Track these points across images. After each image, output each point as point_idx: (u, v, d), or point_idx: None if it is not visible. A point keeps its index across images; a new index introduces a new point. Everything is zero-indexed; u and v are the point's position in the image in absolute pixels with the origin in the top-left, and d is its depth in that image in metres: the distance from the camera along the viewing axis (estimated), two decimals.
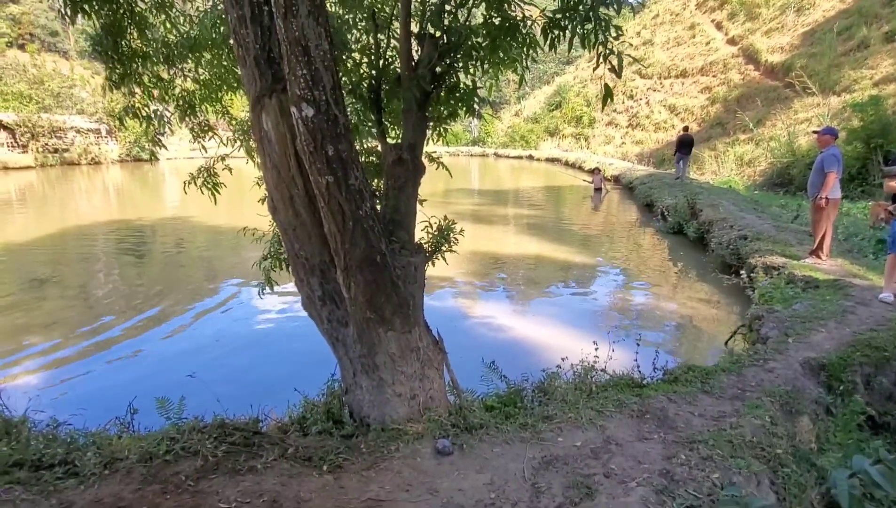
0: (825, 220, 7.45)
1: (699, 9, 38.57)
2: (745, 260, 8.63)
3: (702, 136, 26.33)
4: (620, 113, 37.50)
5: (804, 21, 27.33)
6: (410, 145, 3.46)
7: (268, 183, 3.24)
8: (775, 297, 6.44)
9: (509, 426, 3.42)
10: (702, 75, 32.35)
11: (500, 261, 11.56)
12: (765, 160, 20.10)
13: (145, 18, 4.05)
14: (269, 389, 5.46)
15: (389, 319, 3.19)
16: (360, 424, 3.46)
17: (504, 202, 21.16)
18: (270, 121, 3.04)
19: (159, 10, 4.14)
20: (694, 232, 11.86)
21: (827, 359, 4.48)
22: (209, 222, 15.71)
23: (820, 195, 7.25)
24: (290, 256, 3.38)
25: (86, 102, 42.53)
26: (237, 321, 7.77)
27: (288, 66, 2.55)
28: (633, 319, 7.79)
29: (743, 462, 3.03)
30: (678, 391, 3.97)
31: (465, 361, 4.79)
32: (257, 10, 2.92)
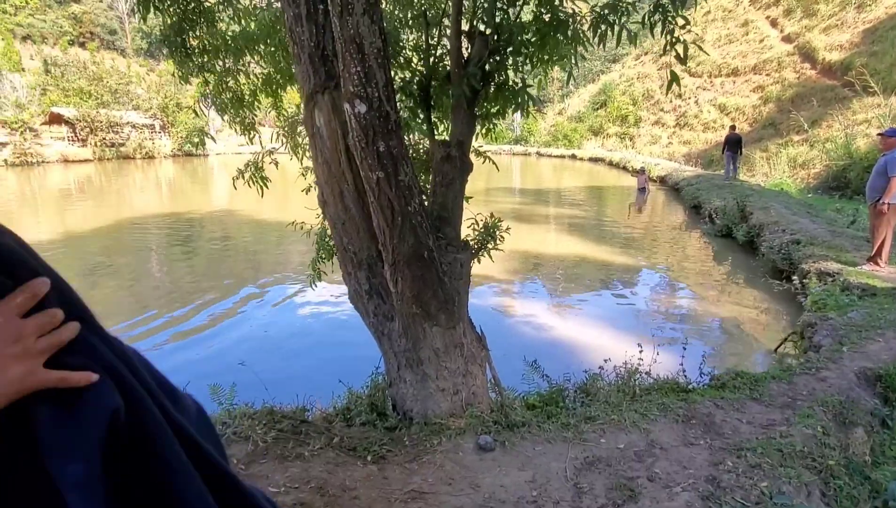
0: (885, 225, 7.11)
1: (753, 5, 37.25)
2: (797, 265, 8.32)
3: (753, 136, 25.46)
4: (668, 112, 36.59)
5: (865, 18, 26.06)
6: (459, 142, 3.48)
7: (318, 178, 3.33)
8: (829, 304, 6.20)
9: (551, 426, 3.41)
10: (754, 74, 31.24)
11: (541, 260, 11.48)
12: (820, 162, 19.29)
13: (213, 13, 4.22)
14: (315, 379, 5.59)
15: (435, 314, 3.23)
16: (404, 417, 3.52)
17: (545, 202, 20.98)
18: (323, 117, 3.12)
19: (227, 4, 4.29)
20: (743, 235, 11.49)
21: (884, 370, 4.29)
22: (255, 215, 16.13)
23: (883, 200, 6.92)
24: (339, 249, 3.46)
25: (141, 98, 44.24)
26: (283, 313, 7.97)
27: (342, 63, 2.60)
28: (677, 322, 7.62)
29: (793, 472, 2.94)
30: (725, 398, 3.88)
31: (507, 359, 4.80)
32: (313, 9, 2.99)
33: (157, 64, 53.64)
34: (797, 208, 12.42)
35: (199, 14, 4.12)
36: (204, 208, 18.60)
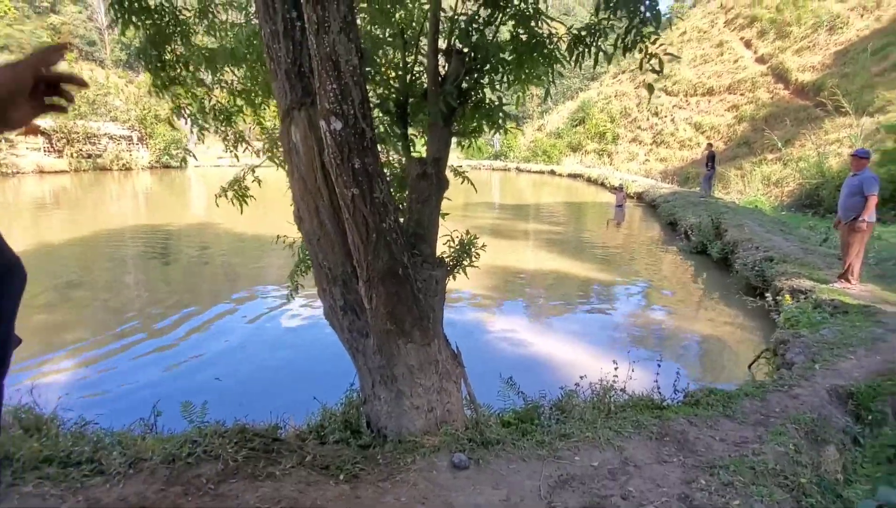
0: (859, 243, 7.29)
1: (728, 26, 38.27)
2: (770, 282, 8.47)
3: (727, 155, 26.00)
4: (645, 130, 37.23)
5: (837, 40, 26.93)
6: (435, 160, 3.49)
7: (294, 193, 3.31)
8: (802, 321, 6.31)
9: (526, 443, 3.41)
10: (729, 94, 32.01)
11: (519, 276, 11.53)
12: (793, 181, 19.76)
13: (189, 26, 4.21)
14: (289, 396, 5.51)
15: (409, 331, 3.21)
16: (378, 435, 3.48)
17: (525, 217, 21.12)
18: (299, 133, 3.11)
19: (202, 17, 4.29)
20: (718, 252, 11.69)
21: (856, 388, 4.38)
22: (233, 228, 15.97)
23: (862, 217, 7.08)
24: (314, 265, 3.44)
25: (119, 109, 43.73)
26: (259, 328, 7.87)
27: (318, 80, 2.60)
28: (653, 339, 7.69)
29: (765, 490, 2.97)
30: (699, 415, 3.91)
31: (483, 375, 4.79)
32: (290, 26, 3.00)
33: (136, 75, 53.10)
34: (771, 226, 12.68)
35: (174, 27, 4.11)
36: (182, 221, 18.37)
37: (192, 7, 4.32)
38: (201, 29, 4.34)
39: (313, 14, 2.49)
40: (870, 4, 26.83)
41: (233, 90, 4.68)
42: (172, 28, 4.05)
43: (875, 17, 25.97)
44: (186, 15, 4.22)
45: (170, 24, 4.03)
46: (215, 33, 4.44)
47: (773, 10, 33.38)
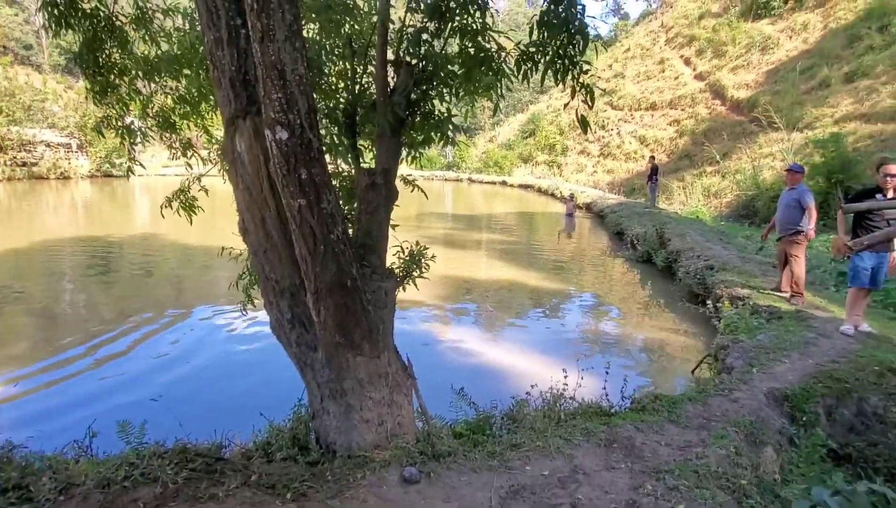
0: (803, 254, 7.39)
1: (668, 45, 39.93)
2: (711, 290, 8.81)
3: (670, 167, 27.02)
4: (592, 142, 38.29)
5: (768, 60, 28.50)
6: (384, 170, 3.48)
7: (239, 204, 3.22)
8: (740, 327, 6.58)
9: (477, 454, 3.40)
10: (671, 109, 33.34)
11: (472, 286, 11.58)
12: (731, 192, 20.71)
13: (125, 33, 4.06)
14: (235, 413, 5.34)
15: (358, 344, 3.16)
16: (327, 451, 3.40)
17: (477, 227, 21.29)
18: (244, 142, 3.03)
19: (139, 24, 4.14)
20: (662, 261, 12.09)
21: (790, 390, 4.57)
22: (180, 240, 15.43)
23: (810, 226, 7.25)
24: (260, 278, 3.35)
25: (57, 116, 41.68)
26: (205, 343, 7.60)
27: (263, 89, 2.55)
28: (602, 346, 7.86)
29: (708, 493, 3.06)
30: (645, 420, 4.01)
31: (435, 386, 4.76)
32: (234, 33, 2.93)
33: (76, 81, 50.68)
34: (711, 235, 13.21)
35: (110, 32, 3.96)
36: (124, 232, 17.61)
37: (128, 14, 4.17)
38: (139, 36, 4.19)
39: (258, 22, 2.45)
40: (797, 27, 28.55)
41: (177, 97, 4.54)
42: (107, 34, 3.90)
43: (802, 39, 27.65)
44: (123, 21, 4.06)
45: (105, 29, 3.87)
46: (155, 40, 4.30)
47: (710, 30, 35.06)
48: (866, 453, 4.17)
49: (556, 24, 3.04)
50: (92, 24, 3.79)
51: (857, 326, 5.96)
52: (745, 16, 33.14)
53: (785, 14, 30.45)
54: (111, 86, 4.06)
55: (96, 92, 4.06)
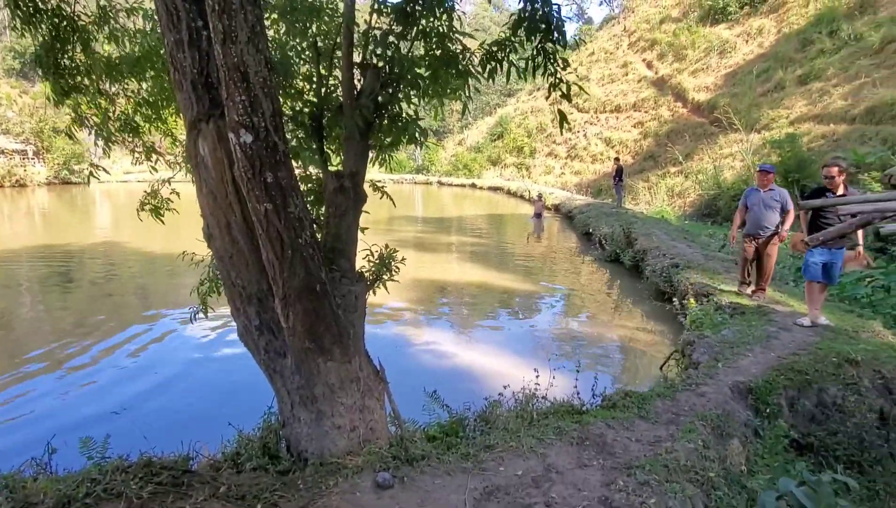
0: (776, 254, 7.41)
1: (631, 48, 40.73)
2: (676, 287, 9.00)
3: (635, 168, 27.55)
4: (560, 144, 38.78)
5: (726, 63, 29.32)
6: (352, 173, 3.45)
7: (203, 209, 3.15)
8: (705, 323, 6.73)
9: (451, 457, 3.39)
10: (634, 111, 34.00)
11: (443, 288, 11.59)
12: (693, 192, 21.22)
13: (88, 32, 3.94)
14: (203, 424, 5.23)
15: (329, 349, 3.12)
16: (298, 459, 3.35)
17: (447, 230, 21.33)
18: (207, 146, 2.97)
19: (102, 23, 4.02)
20: (629, 260, 12.30)
21: (754, 383, 4.69)
22: (143, 247, 15.04)
23: (785, 228, 7.17)
24: (226, 284, 3.28)
25: (12, 121, 40.20)
26: (171, 352, 7.41)
27: (226, 91, 2.50)
28: (573, 345, 7.94)
29: (678, 487, 3.11)
30: (616, 417, 4.06)
31: (408, 390, 4.74)
32: (195, 35, 2.87)
33: (32, 86, 48.87)
34: (675, 234, 13.50)
35: (72, 33, 3.84)
36: (85, 240, 17.06)
37: (91, 13, 4.06)
38: (102, 36, 4.08)
39: (219, 23, 2.40)
40: (753, 32, 29.45)
41: (139, 100, 4.43)
42: (70, 33, 3.78)
43: (758, 43, 28.53)
44: (85, 20, 3.95)
45: (67, 28, 3.76)
46: (118, 41, 4.19)
47: (670, 34, 35.90)
48: (827, 442, 4.31)
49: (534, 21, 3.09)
50: (54, 24, 3.68)
51: (814, 320, 6.14)
52: (704, 21, 34.05)
53: (741, 19, 31.39)
54: (76, 88, 3.94)
55: (58, 93, 3.94)
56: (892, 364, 4.82)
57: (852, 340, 5.48)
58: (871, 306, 7.67)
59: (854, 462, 4.23)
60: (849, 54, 21.14)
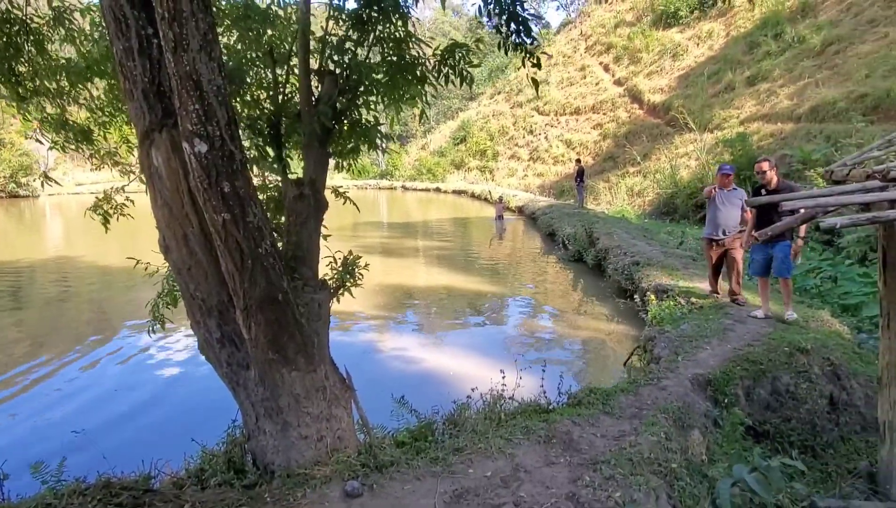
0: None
1: (588, 52, 41.52)
2: (637, 285, 9.20)
3: (596, 169, 28.08)
4: (522, 147, 39.22)
5: (679, 66, 30.19)
6: (312, 181, 3.42)
7: (159, 221, 3.09)
8: (665, 318, 6.91)
9: (420, 462, 3.39)
10: (593, 113, 34.66)
11: (410, 293, 11.57)
12: (652, 191, 21.75)
13: (42, 35, 3.81)
14: (166, 441, 5.08)
15: (293, 359, 3.09)
16: (265, 472, 3.29)
17: (413, 234, 21.31)
18: (161, 156, 2.91)
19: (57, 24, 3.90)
20: (592, 259, 12.52)
21: (712, 375, 4.84)
22: (99, 261, 14.55)
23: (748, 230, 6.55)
24: (185, 297, 3.21)
25: None
26: (131, 368, 7.20)
27: (179, 100, 2.46)
28: (539, 345, 8.04)
29: (642, 479, 3.18)
30: (582, 414, 4.13)
31: (376, 397, 4.72)
32: (145, 43, 2.81)
33: None
34: (636, 233, 13.82)
35: (26, 36, 3.71)
36: (35, 256, 16.40)
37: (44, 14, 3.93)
38: (58, 37, 3.95)
39: (169, 31, 2.36)
40: (703, 35, 30.41)
41: (92, 107, 4.30)
42: (24, 37, 3.66)
43: (708, 46, 29.47)
44: (38, 23, 3.82)
45: (20, 31, 3.63)
46: (74, 43, 4.06)
47: (625, 38, 36.74)
48: (781, 428, 4.49)
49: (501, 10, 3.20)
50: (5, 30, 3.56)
51: (766, 313, 6.30)
52: (657, 25, 34.99)
53: (692, 23, 32.37)
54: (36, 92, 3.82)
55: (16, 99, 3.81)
56: (840, 351, 5.05)
57: (802, 329, 5.71)
58: (820, 296, 8.02)
59: (807, 447, 4.41)
60: (793, 56, 22.04)
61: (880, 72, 16.48)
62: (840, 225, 2.53)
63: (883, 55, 17.30)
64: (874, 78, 16.45)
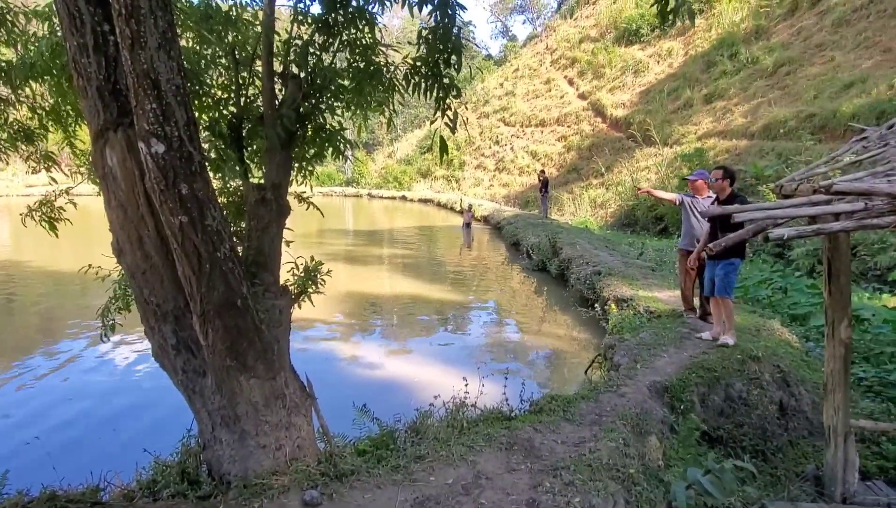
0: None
1: (553, 66, 42.33)
2: (599, 294, 9.36)
3: (560, 180, 28.55)
4: (488, 157, 39.60)
5: (640, 81, 31.07)
6: (275, 185, 3.38)
7: (112, 223, 2.99)
8: (625, 327, 7.04)
9: (381, 470, 3.36)
10: (558, 125, 35.31)
11: (375, 301, 11.49)
12: (614, 203, 22.26)
13: None
14: (117, 451, 4.91)
15: (252, 366, 3.02)
16: (220, 482, 3.20)
17: (379, 242, 21.22)
18: (116, 156, 2.82)
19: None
20: (556, 269, 12.69)
21: (669, 382, 4.95)
22: (48, 266, 13.98)
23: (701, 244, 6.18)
24: (139, 302, 3.11)
25: None
26: (82, 377, 6.92)
27: (135, 99, 2.40)
28: (502, 353, 8.08)
29: (601, 485, 3.22)
30: (543, 421, 4.16)
31: (338, 405, 4.67)
32: (101, 39, 2.73)
33: None
34: (598, 243, 14.08)
35: None
36: None
37: None
38: None
39: (126, 28, 2.30)
40: (663, 53, 31.42)
41: (35, 107, 4.13)
42: None
43: (668, 64, 30.45)
44: None
45: None
46: (16, 44, 3.90)
47: (589, 53, 37.65)
48: (734, 433, 4.62)
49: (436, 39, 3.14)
50: None
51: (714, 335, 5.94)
52: (619, 41, 35.97)
53: (652, 41, 33.40)
54: None
55: None
56: (789, 359, 5.24)
57: (754, 338, 5.90)
58: (772, 306, 8.31)
59: (759, 451, 4.55)
60: (747, 76, 22.96)
61: (827, 93, 17.31)
62: (787, 236, 2.64)
63: (830, 77, 18.19)
64: (822, 99, 17.27)
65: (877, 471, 4.31)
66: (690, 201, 6.68)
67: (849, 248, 3.81)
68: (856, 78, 16.92)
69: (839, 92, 16.91)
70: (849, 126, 13.88)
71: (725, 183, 5.71)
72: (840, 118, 15.28)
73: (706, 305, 6.57)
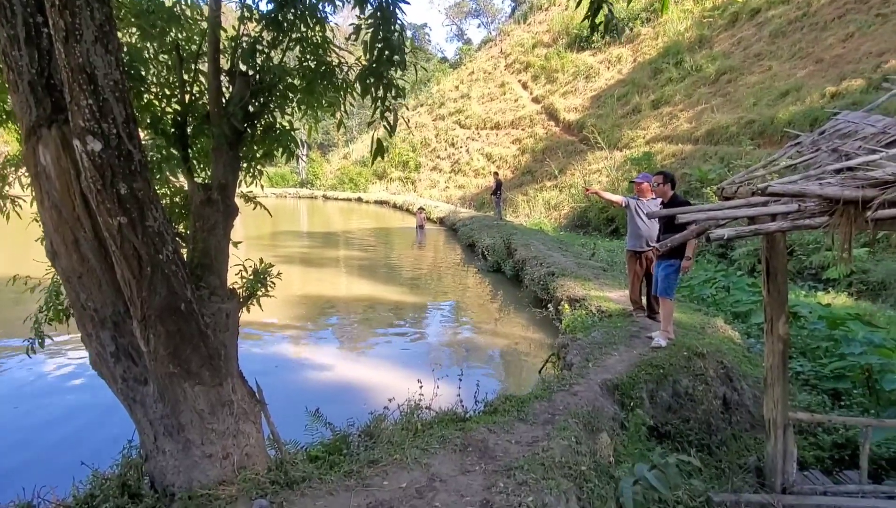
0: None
1: (508, 70, 42.85)
2: (553, 294, 9.51)
3: (515, 182, 28.91)
4: (444, 159, 39.71)
5: (592, 86, 31.84)
6: (221, 185, 3.27)
7: (46, 225, 2.83)
8: (577, 327, 7.17)
9: (333, 476, 3.30)
10: (512, 128, 35.76)
11: (330, 304, 11.33)
12: (567, 205, 22.70)
13: None
14: (53, 465, 4.66)
15: (197, 372, 2.92)
16: (163, 495, 3.07)
17: (334, 244, 20.95)
18: (49, 154, 2.68)
19: None
20: (511, 270, 12.83)
21: (619, 380, 5.06)
22: None
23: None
24: (76, 308, 2.95)
25: None
26: (16, 389, 6.55)
27: (70, 94, 2.28)
28: (458, 354, 8.10)
29: (553, 483, 3.26)
30: (497, 422, 4.18)
31: (290, 410, 4.57)
32: (34, 31, 2.58)
33: None
34: (552, 244, 14.30)
35: None
36: None
37: None
38: None
39: (60, 20, 2.19)
40: (613, 59, 32.31)
41: None
42: None
43: (617, 70, 31.32)
44: None
45: None
46: None
47: (542, 58, 38.31)
48: (681, 428, 4.76)
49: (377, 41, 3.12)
50: None
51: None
52: (571, 47, 36.79)
53: (602, 47, 34.29)
54: None
55: None
56: (732, 355, 5.45)
57: (700, 335, 6.11)
58: (716, 304, 8.63)
59: (704, 445, 4.71)
60: (692, 83, 23.85)
61: (765, 101, 18.17)
62: (727, 236, 2.74)
63: (767, 86, 19.10)
64: (760, 106, 18.11)
65: (814, 461, 4.53)
66: (636, 203, 6.80)
67: (785, 248, 3.99)
68: (791, 86, 17.84)
69: (776, 99, 17.78)
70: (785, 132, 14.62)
71: (667, 187, 5.84)
72: (777, 124, 16.06)
73: (655, 304, 6.68)
